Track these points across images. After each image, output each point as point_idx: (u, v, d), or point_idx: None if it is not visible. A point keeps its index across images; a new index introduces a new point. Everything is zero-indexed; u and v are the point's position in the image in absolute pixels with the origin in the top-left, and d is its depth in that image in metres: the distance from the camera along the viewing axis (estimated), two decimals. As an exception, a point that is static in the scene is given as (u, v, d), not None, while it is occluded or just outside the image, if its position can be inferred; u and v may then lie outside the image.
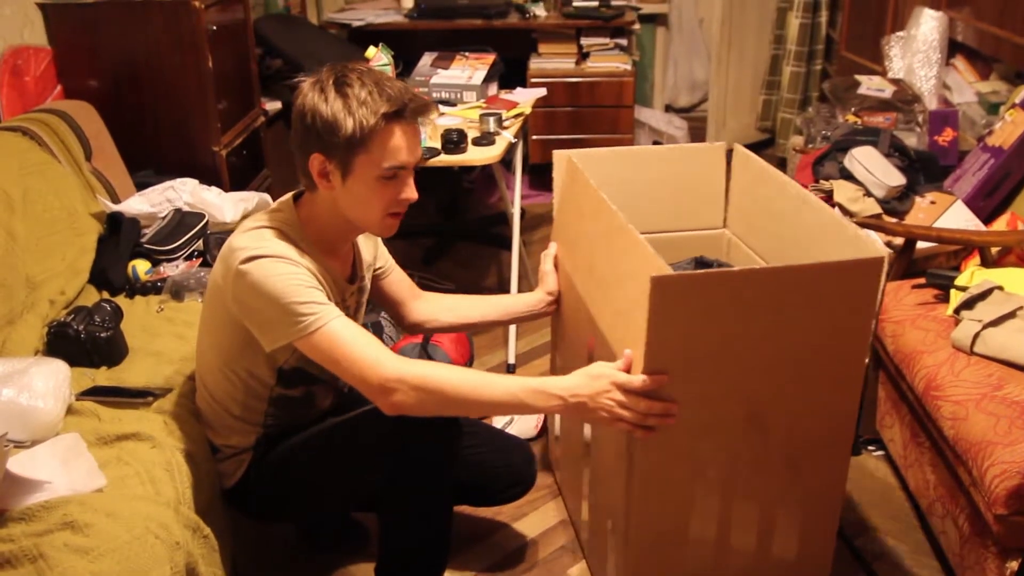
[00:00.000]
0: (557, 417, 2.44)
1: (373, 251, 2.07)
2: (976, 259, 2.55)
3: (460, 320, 2.20)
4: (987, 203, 2.79)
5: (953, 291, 2.29)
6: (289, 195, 1.87)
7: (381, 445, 1.81)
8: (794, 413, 1.76)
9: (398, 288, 2.16)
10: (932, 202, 2.75)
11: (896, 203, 2.75)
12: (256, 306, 1.71)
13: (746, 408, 1.74)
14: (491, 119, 3.07)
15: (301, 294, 1.69)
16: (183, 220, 2.78)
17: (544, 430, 2.74)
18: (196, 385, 2.01)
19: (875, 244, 1.73)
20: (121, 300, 2.48)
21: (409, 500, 1.85)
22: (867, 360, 1.77)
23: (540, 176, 4.70)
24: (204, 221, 2.79)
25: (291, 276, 1.69)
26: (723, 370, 1.69)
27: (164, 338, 2.30)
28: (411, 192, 1.78)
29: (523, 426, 2.70)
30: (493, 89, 3.57)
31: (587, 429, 2.10)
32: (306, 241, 1.80)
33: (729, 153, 2.34)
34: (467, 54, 3.66)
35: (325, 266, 1.82)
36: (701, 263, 2.30)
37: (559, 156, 2.26)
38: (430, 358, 2.82)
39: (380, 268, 2.11)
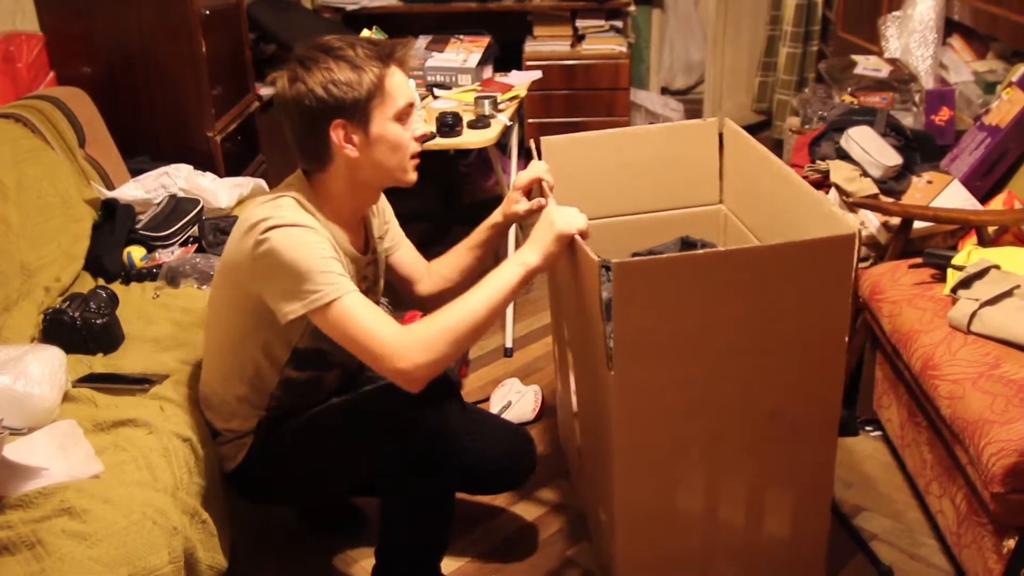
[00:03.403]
0: (573, 396, 2.41)
1: (380, 226, 2.06)
2: (973, 238, 2.55)
3: (448, 282, 2.15)
4: (984, 182, 2.78)
5: (950, 270, 2.28)
6: (299, 171, 1.86)
7: (387, 428, 1.81)
8: (777, 392, 1.77)
9: (407, 264, 2.14)
10: (929, 182, 2.74)
11: (893, 183, 2.75)
12: (275, 275, 1.70)
13: (727, 388, 1.75)
14: (486, 102, 3.06)
15: (321, 264, 1.69)
16: (178, 206, 2.77)
17: (542, 413, 2.75)
18: (202, 368, 2.01)
19: (848, 221, 1.74)
20: (116, 287, 2.48)
21: (412, 484, 1.85)
22: (847, 337, 1.77)
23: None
24: (199, 207, 2.79)
25: (313, 245, 1.70)
26: (700, 352, 1.70)
27: (160, 324, 2.29)
28: (423, 127, 1.84)
29: (521, 410, 2.71)
30: (488, 72, 3.56)
31: (575, 406, 2.11)
32: (321, 214, 1.80)
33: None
34: (462, 37, 3.65)
35: (340, 239, 1.83)
36: (687, 243, 2.31)
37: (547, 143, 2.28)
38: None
39: (388, 245, 2.10)
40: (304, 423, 1.93)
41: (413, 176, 1.87)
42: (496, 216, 2.12)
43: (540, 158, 2.25)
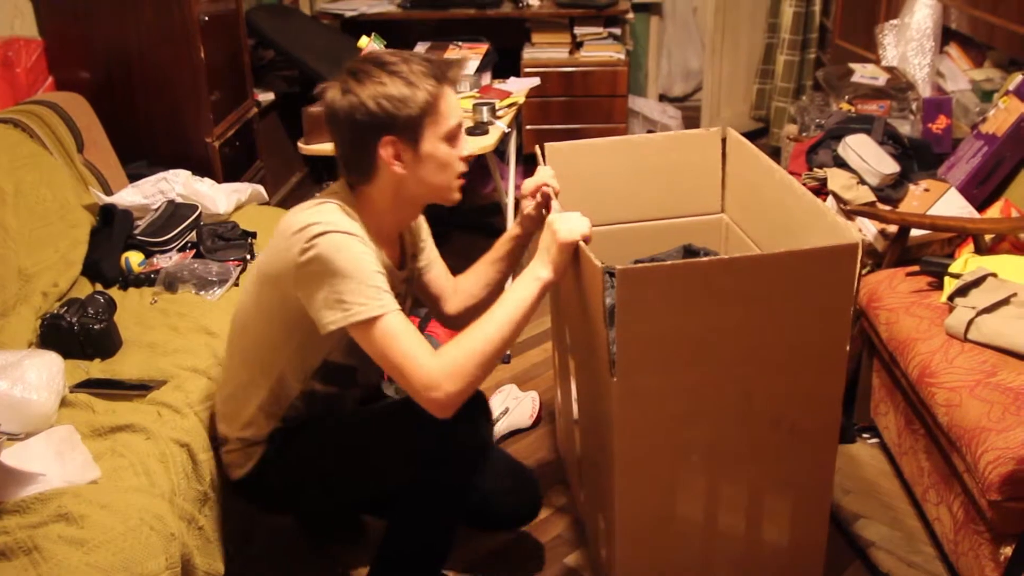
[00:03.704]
0: (574, 403, 2.35)
1: (414, 243, 2.05)
2: (970, 246, 2.55)
3: (473, 298, 2.14)
4: (981, 190, 2.79)
5: (947, 278, 2.29)
6: (342, 180, 1.83)
7: (413, 448, 1.80)
8: (778, 400, 1.77)
9: (439, 283, 2.13)
10: (926, 190, 2.75)
11: (890, 191, 2.75)
12: (321, 283, 1.67)
13: (728, 395, 1.75)
14: (485, 109, 3.06)
15: (369, 277, 1.67)
16: (176, 212, 2.77)
17: (539, 419, 2.74)
18: (223, 373, 1.98)
19: (850, 230, 1.74)
20: (114, 292, 2.48)
21: (430, 504, 1.85)
22: (848, 346, 1.78)
23: (534, 166, 4.68)
24: (197, 212, 2.78)
25: (362, 256, 1.67)
26: (702, 358, 1.70)
27: (158, 330, 2.29)
28: (470, 147, 1.84)
29: (519, 415, 2.70)
30: (486, 79, 3.56)
31: (576, 413, 2.11)
32: (362, 224, 1.77)
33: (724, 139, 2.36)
34: (460, 44, 3.66)
35: (378, 252, 1.80)
36: (689, 251, 2.31)
37: (552, 149, 2.27)
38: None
39: (423, 264, 2.10)
40: (329, 434, 1.90)
41: (458, 196, 1.85)
42: (514, 228, 2.12)
43: (544, 163, 2.26)
